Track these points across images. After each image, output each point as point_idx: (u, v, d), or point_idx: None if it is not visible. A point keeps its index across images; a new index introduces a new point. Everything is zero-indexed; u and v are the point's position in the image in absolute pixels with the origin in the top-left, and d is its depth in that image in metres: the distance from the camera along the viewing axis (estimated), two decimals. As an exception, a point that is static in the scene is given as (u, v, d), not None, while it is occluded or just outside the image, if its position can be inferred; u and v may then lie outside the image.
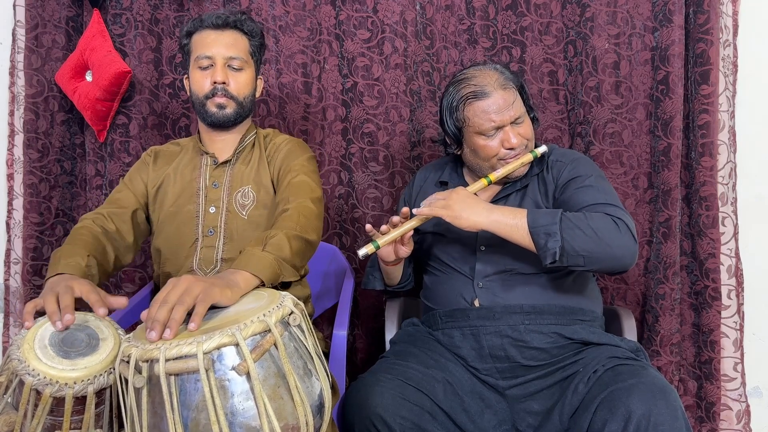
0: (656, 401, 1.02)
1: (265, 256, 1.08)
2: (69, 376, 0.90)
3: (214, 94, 1.37)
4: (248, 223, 1.36)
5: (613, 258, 1.19)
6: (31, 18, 1.82)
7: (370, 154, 1.82)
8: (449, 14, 1.79)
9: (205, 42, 1.37)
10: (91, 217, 1.34)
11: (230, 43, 1.37)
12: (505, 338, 1.25)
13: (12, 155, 1.87)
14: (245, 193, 1.38)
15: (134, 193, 1.42)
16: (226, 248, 1.35)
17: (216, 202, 1.38)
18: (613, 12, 1.72)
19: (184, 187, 1.41)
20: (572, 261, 1.18)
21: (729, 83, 1.72)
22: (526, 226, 1.20)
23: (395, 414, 1.11)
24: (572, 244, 1.17)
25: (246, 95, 1.40)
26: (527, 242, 1.20)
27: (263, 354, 0.86)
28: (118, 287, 1.87)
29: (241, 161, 1.42)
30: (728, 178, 1.73)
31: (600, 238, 1.17)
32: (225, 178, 1.40)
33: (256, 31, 1.43)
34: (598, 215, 1.21)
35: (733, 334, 1.74)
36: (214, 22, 1.38)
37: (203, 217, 1.37)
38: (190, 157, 1.45)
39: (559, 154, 1.39)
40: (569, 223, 1.18)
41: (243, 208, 1.36)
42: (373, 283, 1.53)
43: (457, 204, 1.24)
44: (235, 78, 1.38)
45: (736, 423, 1.72)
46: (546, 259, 1.18)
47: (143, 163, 1.47)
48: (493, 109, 1.30)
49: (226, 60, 1.37)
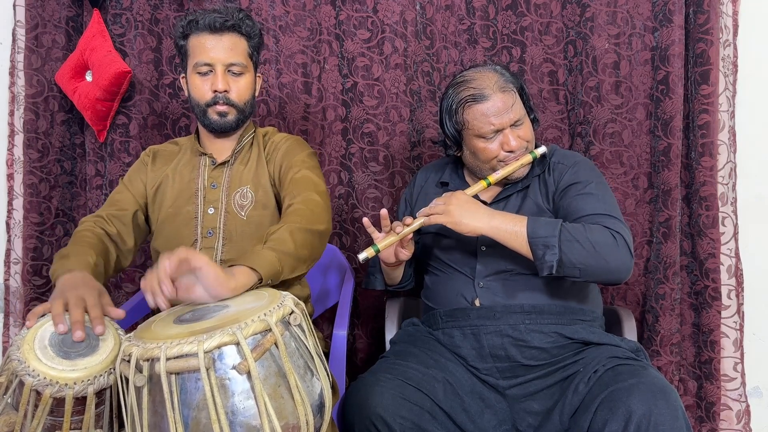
0: (657, 401, 1.02)
1: (265, 253, 1.07)
2: (69, 377, 0.90)
3: (216, 102, 1.35)
4: (247, 223, 1.35)
5: (609, 272, 1.20)
6: (31, 18, 1.82)
7: (370, 154, 1.82)
8: (449, 14, 1.79)
9: (204, 47, 1.33)
10: (92, 220, 1.34)
11: (229, 48, 1.33)
12: (505, 338, 1.25)
13: (12, 155, 1.87)
14: (244, 194, 1.37)
15: (133, 195, 1.41)
16: (225, 249, 1.34)
17: (215, 203, 1.37)
18: (613, 12, 1.72)
19: (182, 188, 1.40)
20: (568, 272, 1.19)
21: (729, 83, 1.72)
22: (525, 234, 1.21)
23: (395, 414, 1.11)
24: (570, 257, 1.18)
25: (247, 100, 1.38)
26: (525, 251, 1.22)
27: (264, 353, 0.86)
28: (118, 287, 1.87)
29: (239, 161, 1.41)
30: (728, 178, 1.73)
31: (597, 252, 1.18)
32: (223, 179, 1.39)
33: (254, 31, 1.39)
34: (597, 228, 1.21)
35: (733, 334, 1.74)
36: (212, 25, 1.32)
37: (202, 218, 1.37)
38: (188, 158, 1.45)
39: (560, 156, 1.39)
40: (568, 236, 1.19)
41: (242, 208, 1.36)
42: (374, 283, 1.53)
43: (457, 209, 1.24)
44: (235, 84, 1.35)
45: (736, 423, 1.72)
46: (543, 271, 1.20)
47: (142, 163, 1.47)
48: (493, 113, 1.30)
49: (226, 66, 1.33)
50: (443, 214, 1.25)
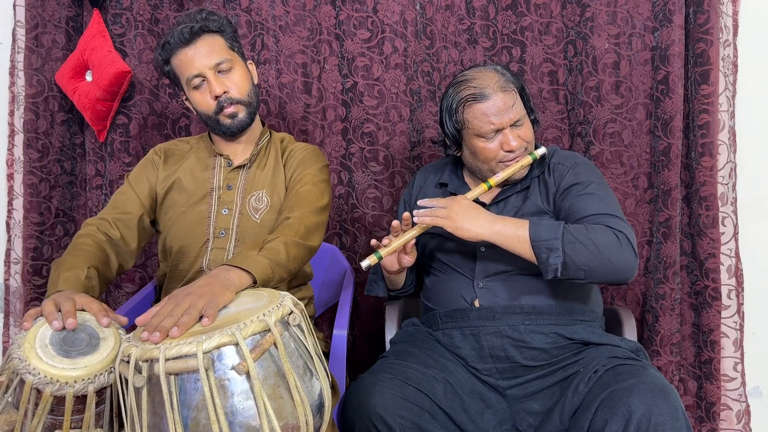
0: (657, 401, 1.02)
1: (260, 260, 1.08)
2: (69, 375, 0.90)
3: (222, 107, 1.35)
4: (260, 226, 1.35)
5: (614, 272, 1.19)
6: (31, 18, 1.82)
7: (370, 154, 1.82)
8: (449, 14, 1.79)
9: (186, 62, 1.33)
10: (95, 224, 1.32)
11: (208, 51, 1.33)
12: (505, 338, 1.25)
13: (12, 155, 1.87)
14: (259, 198, 1.37)
15: (139, 196, 1.39)
16: (237, 250, 1.33)
17: (229, 204, 1.37)
18: (613, 12, 1.72)
19: (196, 187, 1.40)
20: (573, 274, 1.19)
21: (729, 83, 1.72)
22: (528, 238, 1.20)
23: (395, 414, 1.12)
24: (574, 258, 1.17)
25: (248, 90, 1.38)
26: (529, 255, 1.21)
27: (263, 353, 0.86)
28: (119, 287, 1.87)
29: (256, 165, 1.41)
30: (728, 178, 1.73)
31: (601, 252, 1.17)
32: (239, 181, 1.39)
33: (223, 23, 1.37)
34: (600, 228, 1.21)
35: (733, 334, 1.74)
36: (182, 39, 1.33)
37: (215, 219, 1.36)
38: (201, 157, 1.44)
39: (561, 157, 1.38)
40: (571, 237, 1.18)
41: (256, 211, 1.36)
42: (376, 290, 1.52)
43: (459, 215, 1.24)
44: (230, 80, 1.35)
45: (736, 423, 1.73)
46: (547, 275, 1.19)
47: (150, 162, 1.45)
48: (493, 112, 1.30)
49: (214, 69, 1.33)
50: (445, 218, 1.25)
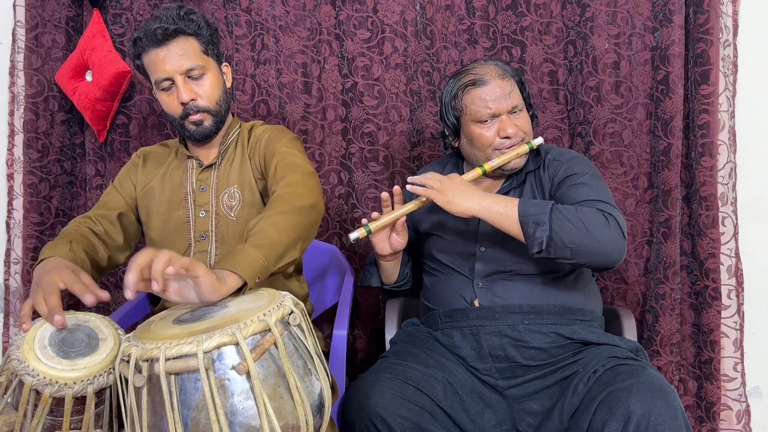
0: (656, 401, 1.02)
1: (248, 251, 1.02)
2: (68, 376, 0.90)
3: (188, 114, 1.31)
4: (237, 224, 1.33)
5: (601, 253, 1.19)
6: (31, 18, 1.82)
7: (370, 154, 1.82)
8: (449, 14, 1.79)
9: (156, 63, 1.28)
10: (78, 220, 1.33)
11: (180, 55, 1.28)
12: (504, 338, 1.25)
13: (12, 155, 1.87)
14: (231, 194, 1.35)
15: (123, 196, 1.40)
16: (219, 252, 1.33)
17: (205, 206, 1.36)
18: (613, 12, 1.72)
19: (173, 192, 1.39)
20: (559, 252, 1.18)
21: (729, 83, 1.72)
22: (516, 214, 1.21)
23: (395, 414, 1.12)
24: (561, 235, 1.17)
25: (217, 99, 1.34)
26: (516, 231, 1.21)
27: (263, 353, 0.86)
28: (118, 287, 1.87)
29: (225, 162, 1.39)
30: (728, 178, 1.73)
31: (589, 231, 1.17)
32: (212, 181, 1.37)
33: (200, 24, 1.31)
34: (590, 210, 1.21)
35: (733, 334, 1.73)
36: (155, 39, 1.27)
37: (194, 223, 1.35)
38: (177, 161, 1.43)
39: (556, 153, 1.39)
40: (559, 215, 1.18)
41: (230, 209, 1.34)
42: (369, 279, 1.52)
43: (450, 189, 1.25)
44: (200, 87, 1.30)
45: (736, 423, 1.72)
46: (533, 248, 1.19)
47: (132, 165, 1.45)
48: (491, 97, 1.31)
49: (184, 74, 1.29)
50: (437, 191, 1.25)
